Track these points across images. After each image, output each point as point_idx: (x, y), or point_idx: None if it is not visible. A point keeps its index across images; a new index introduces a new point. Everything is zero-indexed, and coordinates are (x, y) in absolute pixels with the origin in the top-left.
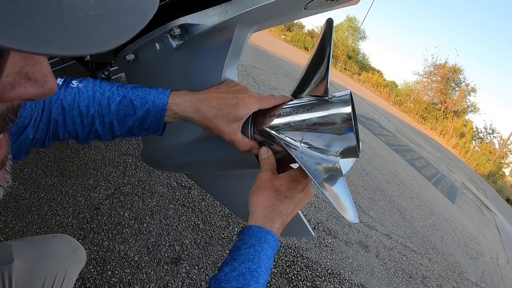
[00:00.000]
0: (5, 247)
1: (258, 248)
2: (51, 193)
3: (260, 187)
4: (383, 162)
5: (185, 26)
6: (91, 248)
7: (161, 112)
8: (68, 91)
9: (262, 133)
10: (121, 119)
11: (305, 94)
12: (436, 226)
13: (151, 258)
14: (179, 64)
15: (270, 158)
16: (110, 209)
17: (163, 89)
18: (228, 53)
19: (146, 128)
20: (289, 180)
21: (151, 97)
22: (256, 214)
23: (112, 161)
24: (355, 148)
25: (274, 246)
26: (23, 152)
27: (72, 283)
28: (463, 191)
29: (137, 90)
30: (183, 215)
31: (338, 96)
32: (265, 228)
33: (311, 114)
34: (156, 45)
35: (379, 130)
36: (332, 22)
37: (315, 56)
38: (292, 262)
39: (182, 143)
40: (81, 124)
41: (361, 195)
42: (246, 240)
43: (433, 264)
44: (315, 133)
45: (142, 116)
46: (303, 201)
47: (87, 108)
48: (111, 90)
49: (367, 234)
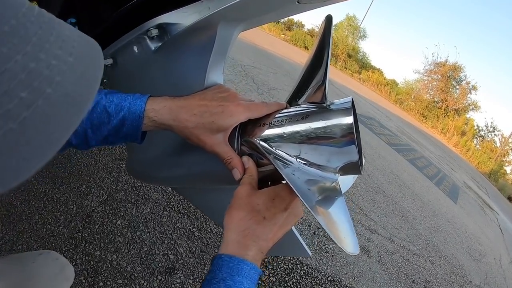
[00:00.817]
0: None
1: (230, 282)
2: (42, 201)
3: (234, 206)
4: (385, 163)
5: (163, 26)
6: (82, 258)
7: (137, 119)
8: None
9: (249, 144)
10: (96, 128)
11: (301, 100)
12: (439, 228)
13: (144, 268)
14: (159, 67)
15: (250, 169)
16: (102, 217)
17: (141, 95)
18: (211, 54)
19: (123, 136)
20: (269, 198)
21: (126, 103)
22: (228, 239)
23: (105, 167)
24: (357, 163)
25: (252, 275)
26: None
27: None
28: (465, 191)
29: (111, 96)
30: (178, 222)
31: (338, 104)
32: (237, 257)
33: (307, 124)
34: (134, 48)
35: (380, 129)
36: (331, 18)
37: (313, 57)
38: (291, 270)
39: (166, 154)
40: None
41: (362, 197)
42: (215, 272)
43: (436, 268)
44: (311, 145)
45: (117, 124)
46: (288, 223)
47: None
48: None
49: (368, 238)
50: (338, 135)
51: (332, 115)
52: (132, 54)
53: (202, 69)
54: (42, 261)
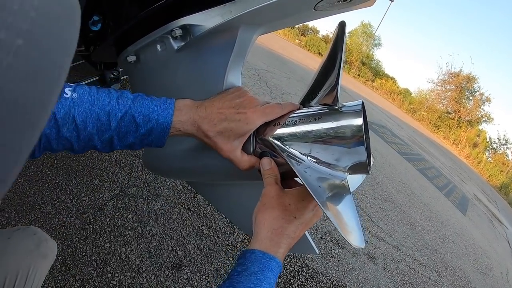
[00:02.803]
0: None
1: (260, 276)
2: (55, 192)
3: (267, 205)
4: (395, 171)
5: (187, 27)
6: (92, 249)
7: (164, 130)
8: (62, 102)
9: (264, 143)
10: (122, 136)
11: (314, 102)
12: (446, 239)
13: (152, 262)
14: (181, 66)
15: (273, 169)
16: (113, 211)
17: (166, 102)
18: (231, 56)
19: (148, 143)
20: (299, 199)
21: (154, 115)
22: (262, 236)
23: (118, 162)
24: (366, 163)
25: (277, 272)
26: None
27: (39, 281)
28: (474, 203)
29: (139, 105)
30: (187, 219)
31: (349, 106)
32: (269, 254)
33: (319, 124)
34: (157, 47)
35: (391, 138)
36: (345, 25)
37: (327, 61)
38: (297, 272)
39: (183, 149)
40: (77, 138)
41: (371, 204)
42: (247, 265)
43: (441, 279)
44: (322, 145)
45: (144, 133)
46: (311, 222)
47: (84, 123)
48: (111, 104)
49: (375, 246)
50: (348, 136)
51: (343, 116)
52: (155, 52)
53: (222, 70)
54: (18, 237)
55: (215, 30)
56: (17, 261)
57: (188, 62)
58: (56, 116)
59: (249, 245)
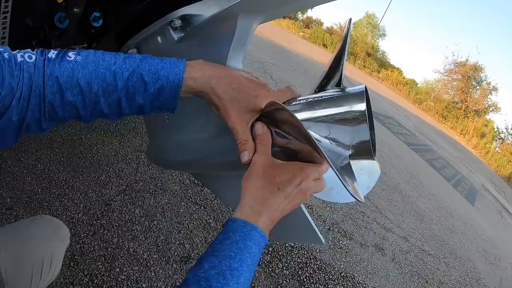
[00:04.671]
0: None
1: (241, 245)
2: (62, 189)
3: (253, 174)
4: (402, 162)
5: (186, 17)
6: (100, 244)
7: (176, 88)
8: (64, 65)
9: (272, 115)
10: (130, 97)
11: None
12: (455, 230)
13: (160, 256)
14: (181, 57)
15: (266, 135)
16: (121, 206)
17: (177, 60)
18: (231, 45)
19: (158, 106)
20: (286, 172)
21: (164, 73)
22: (244, 203)
23: (125, 158)
24: (369, 142)
25: (260, 242)
26: (8, 137)
27: (60, 263)
28: (482, 193)
29: (147, 63)
30: (194, 213)
31: (352, 89)
32: (250, 224)
33: (323, 104)
34: (157, 38)
35: (398, 128)
36: (351, 20)
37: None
38: (305, 264)
39: (187, 139)
40: (83, 102)
41: (378, 195)
42: (229, 234)
43: (450, 270)
44: (325, 124)
45: (154, 93)
46: (296, 198)
47: (89, 84)
48: (117, 63)
49: (383, 236)
50: (351, 116)
51: (345, 96)
52: (156, 44)
53: (223, 59)
54: (36, 225)
55: (214, 19)
56: (41, 248)
57: (188, 52)
58: (59, 80)
59: (233, 213)
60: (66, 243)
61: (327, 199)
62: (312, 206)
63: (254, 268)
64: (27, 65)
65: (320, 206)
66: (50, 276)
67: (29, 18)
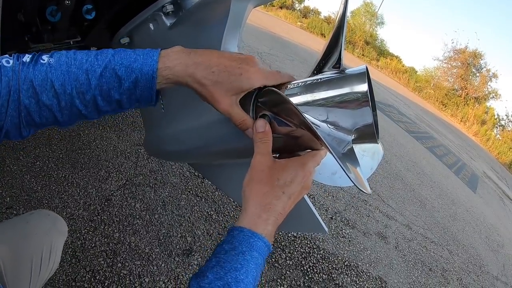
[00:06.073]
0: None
1: (248, 256)
2: (62, 185)
3: (256, 179)
4: (403, 150)
5: (178, 2)
6: (102, 240)
7: (151, 80)
8: (38, 68)
9: (267, 101)
10: (105, 94)
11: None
12: (457, 217)
13: (162, 250)
14: (175, 43)
15: (267, 133)
16: (121, 200)
17: (151, 51)
18: (225, 29)
19: (136, 99)
20: (289, 173)
21: (137, 65)
22: (250, 211)
23: (123, 152)
24: (372, 125)
25: (265, 252)
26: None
27: (59, 256)
28: (484, 180)
29: (120, 57)
30: (195, 205)
31: (352, 70)
32: (257, 234)
33: (322, 86)
34: (150, 25)
35: (398, 116)
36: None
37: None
38: (308, 254)
39: (183, 129)
40: (59, 106)
41: (380, 183)
42: (235, 244)
43: (453, 257)
44: (326, 108)
45: (129, 87)
46: (300, 194)
47: (63, 86)
48: (89, 61)
49: (386, 225)
50: (352, 97)
51: (346, 78)
52: (148, 31)
53: (217, 43)
54: (35, 219)
55: (206, 1)
56: (40, 240)
57: (181, 38)
58: (33, 84)
59: (237, 221)
60: (64, 236)
61: (331, 184)
62: (314, 195)
63: (258, 279)
64: (5, 69)
65: (322, 195)
66: (50, 269)
67: (20, 13)
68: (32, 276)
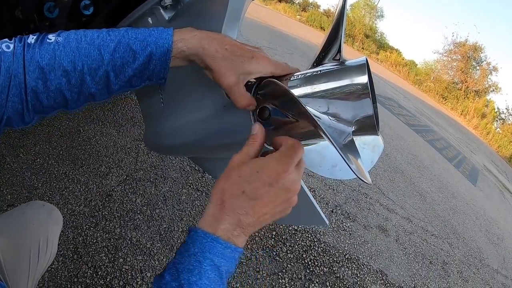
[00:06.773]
0: None
1: (200, 258)
2: (63, 182)
3: (222, 176)
4: (403, 143)
5: None
6: (103, 235)
7: (166, 53)
8: (45, 48)
9: (269, 92)
10: (119, 69)
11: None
12: (457, 210)
13: (163, 245)
14: None
15: (258, 136)
16: (122, 196)
17: (165, 28)
18: (224, 22)
19: (148, 76)
20: (253, 170)
21: (152, 38)
22: (207, 211)
23: (124, 147)
24: (372, 116)
25: (225, 253)
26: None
27: (56, 246)
28: (484, 174)
29: (133, 32)
30: (196, 199)
31: (352, 62)
32: (210, 235)
33: (322, 78)
34: (148, 20)
35: (398, 110)
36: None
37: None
38: (309, 247)
39: (183, 122)
40: (68, 84)
41: (380, 176)
42: (189, 246)
43: (454, 250)
44: (326, 99)
45: (143, 61)
46: (278, 198)
47: (73, 63)
48: (101, 37)
49: (386, 218)
50: (353, 89)
51: (346, 69)
52: (147, 25)
53: None
54: (31, 210)
55: None
56: (36, 230)
57: None
58: (40, 64)
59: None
60: (59, 226)
61: (331, 177)
62: (315, 188)
63: (223, 281)
64: (5, 55)
65: (322, 189)
66: (47, 259)
67: (18, 10)
68: (31, 266)
